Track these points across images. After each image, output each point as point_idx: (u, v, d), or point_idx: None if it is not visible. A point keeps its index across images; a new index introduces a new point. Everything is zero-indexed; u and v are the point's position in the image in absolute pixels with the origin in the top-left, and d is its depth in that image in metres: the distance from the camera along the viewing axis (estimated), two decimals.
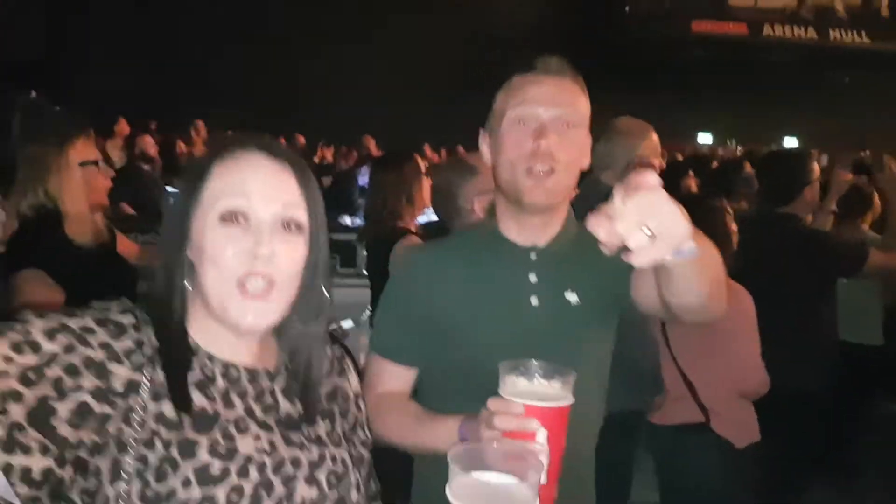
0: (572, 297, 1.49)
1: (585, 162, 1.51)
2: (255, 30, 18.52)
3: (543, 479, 1.10)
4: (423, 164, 3.23)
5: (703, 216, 2.66)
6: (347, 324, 3.29)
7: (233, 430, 1.03)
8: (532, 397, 1.15)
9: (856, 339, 3.85)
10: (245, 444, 1.02)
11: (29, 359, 0.93)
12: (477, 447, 1.06)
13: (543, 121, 1.41)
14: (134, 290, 2.76)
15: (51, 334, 0.95)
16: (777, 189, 3.28)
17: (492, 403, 1.17)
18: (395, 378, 1.54)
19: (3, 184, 4.38)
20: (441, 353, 1.50)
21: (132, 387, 0.99)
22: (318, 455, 1.09)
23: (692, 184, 4.14)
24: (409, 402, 1.53)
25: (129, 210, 5.25)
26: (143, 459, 0.96)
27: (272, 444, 1.05)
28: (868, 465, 4.21)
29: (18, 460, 0.89)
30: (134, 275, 2.69)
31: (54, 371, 0.93)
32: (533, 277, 1.49)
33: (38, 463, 0.90)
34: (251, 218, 1.04)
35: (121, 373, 0.98)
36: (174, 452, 0.97)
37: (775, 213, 3.24)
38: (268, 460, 1.03)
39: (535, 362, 1.19)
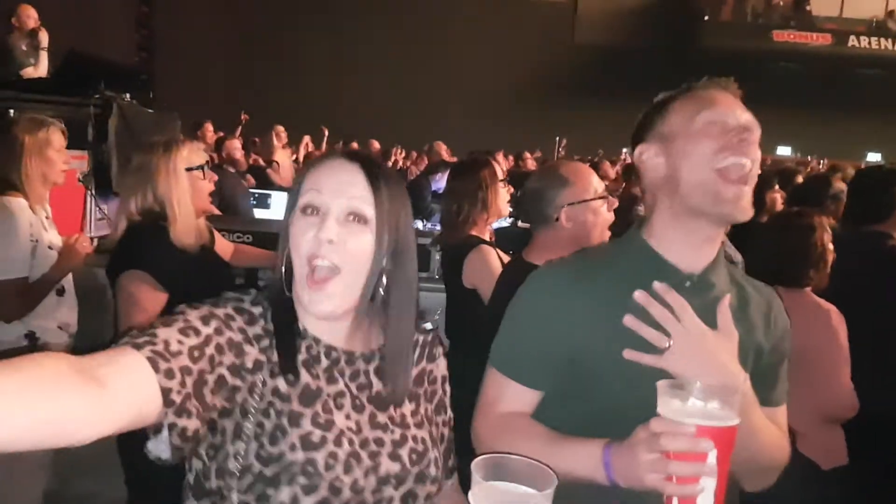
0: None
1: None
2: (336, 40, 18.96)
3: (711, 502, 1.09)
4: (500, 172, 3.25)
5: (798, 233, 2.61)
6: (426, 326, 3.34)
7: (332, 404, 1.19)
8: (697, 416, 1.09)
9: None
10: (340, 419, 1.18)
11: (193, 340, 1.09)
12: (500, 459, 1.05)
13: (742, 121, 1.36)
14: (232, 288, 2.86)
15: (205, 320, 1.12)
16: (869, 206, 3.19)
17: (656, 424, 1.11)
18: (519, 398, 1.44)
19: (100, 185, 4.61)
20: (575, 377, 1.40)
21: (258, 365, 1.16)
22: (401, 436, 1.23)
23: (777, 197, 4.04)
24: (536, 423, 1.41)
25: (215, 210, 5.41)
26: (260, 425, 1.13)
27: (358, 425, 1.20)
28: None
29: (183, 423, 1.04)
30: (232, 276, 2.79)
31: (210, 349, 1.10)
32: None
33: (193, 424, 1.05)
34: (322, 208, 1.19)
35: (252, 353, 1.16)
36: (284, 421, 1.13)
37: (866, 231, 3.14)
38: (355, 438, 1.18)
39: (697, 382, 1.12)
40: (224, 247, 2.92)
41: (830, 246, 2.60)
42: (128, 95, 5.18)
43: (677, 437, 1.08)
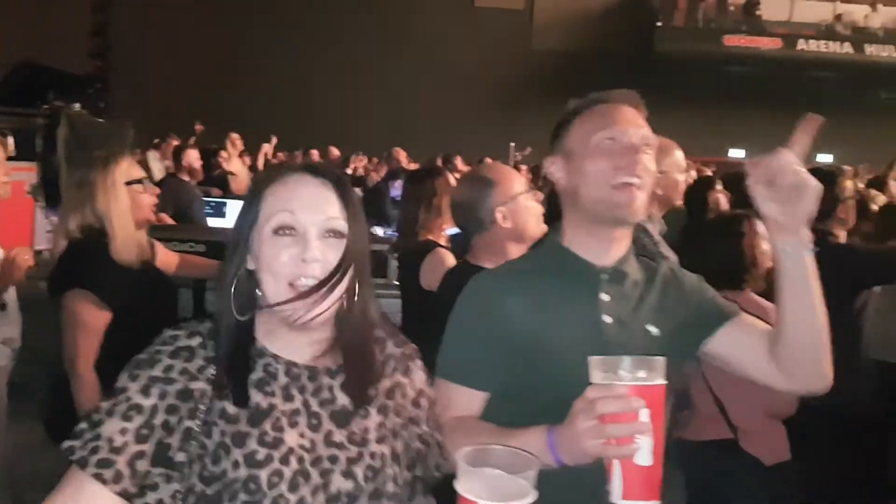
0: (649, 325, 1.54)
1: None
2: (292, 48, 18.88)
3: (649, 460, 1.14)
4: (452, 179, 3.30)
5: (729, 239, 2.69)
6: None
7: (283, 422, 1.18)
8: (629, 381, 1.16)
9: (892, 357, 3.83)
10: (291, 437, 1.17)
11: (138, 420, 1.12)
12: (483, 449, 1.09)
13: (634, 140, 1.49)
14: (174, 305, 2.84)
15: (146, 391, 1.14)
16: None
17: (590, 391, 1.17)
18: (467, 402, 1.51)
19: (50, 196, 4.54)
20: (517, 372, 1.49)
21: (202, 394, 1.16)
22: (357, 453, 1.21)
23: (720, 197, 4.13)
24: (483, 422, 1.48)
25: (169, 220, 5.37)
26: (203, 446, 1.13)
27: (312, 442, 1.19)
28: None
29: (153, 497, 1.12)
30: (174, 289, 2.76)
31: (159, 418, 1.13)
32: (605, 296, 1.52)
33: (166, 490, 1.13)
34: (298, 229, 1.19)
35: (198, 386, 1.17)
36: (228, 440, 1.14)
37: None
38: (306, 455, 1.17)
39: (625, 357, 1.18)
40: (168, 259, 2.88)
41: (764, 248, 2.66)
42: (78, 105, 5.11)
43: (609, 398, 1.14)
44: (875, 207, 4.34)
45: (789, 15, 20.29)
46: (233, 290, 1.21)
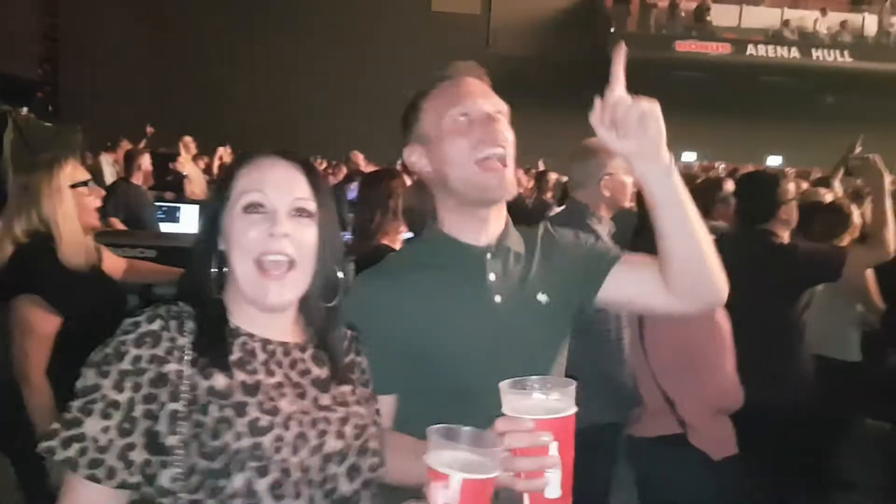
0: (538, 294, 1.54)
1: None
2: (248, 51, 18.70)
3: (557, 493, 1.14)
4: (408, 181, 3.30)
5: None
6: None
7: (274, 393, 1.21)
8: (537, 412, 1.14)
9: (834, 354, 3.95)
10: (285, 404, 1.21)
11: (118, 416, 1.13)
12: (452, 429, 1.10)
13: (487, 110, 1.48)
14: (123, 310, 2.80)
15: (119, 386, 1.14)
16: (756, 207, 3.38)
17: (500, 423, 1.14)
18: (382, 408, 1.45)
19: None
20: (418, 369, 1.48)
21: (180, 375, 1.17)
22: (345, 413, 1.28)
23: None
24: (401, 436, 1.42)
25: (120, 225, 5.28)
26: (199, 424, 1.14)
27: (306, 408, 1.24)
28: (847, 480, 4.29)
29: (157, 482, 1.12)
30: (122, 295, 2.73)
31: (139, 409, 1.13)
32: (492, 276, 1.52)
33: (165, 476, 1.12)
34: (268, 207, 1.24)
35: (172, 368, 1.16)
36: (229, 413, 1.15)
37: (753, 229, 3.33)
38: (304, 419, 1.22)
39: (533, 378, 1.18)
40: (115, 264, 2.85)
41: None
42: (26, 110, 5.01)
43: (517, 433, 1.13)
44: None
45: (739, 21, 20.75)
46: (208, 269, 1.25)
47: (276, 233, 1.21)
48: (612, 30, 19.84)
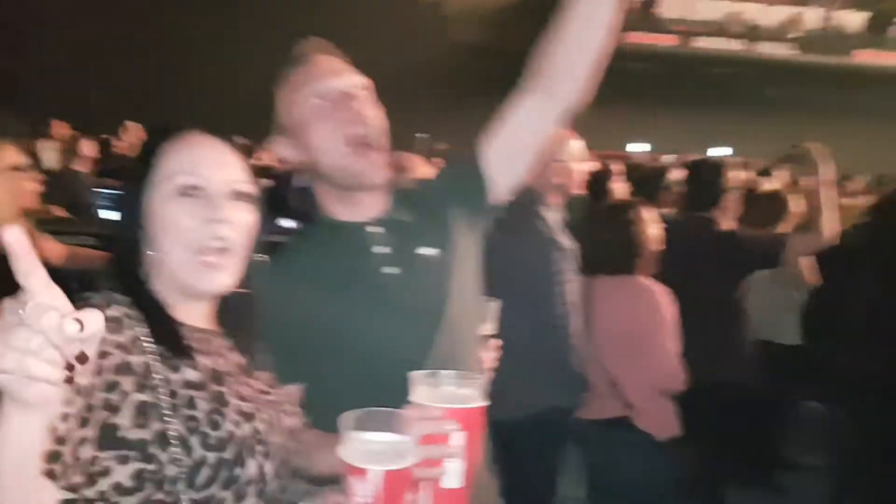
0: (427, 249, 1.51)
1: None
2: (200, 33, 18.31)
3: (458, 483, 1.12)
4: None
5: (619, 227, 2.80)
6: None
7: (230, 380, 1.16)
8: (447, 401, 1.13)
9: (775, 338, 4.07)
10: (244, 389, 1.18)
11: (78, 403, 0.99)
12: (365, 413, 1.08)
13: (342, 88, 1.43)
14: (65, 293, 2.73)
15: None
16: (700, 195, 3.45)
17: (408, 411, 1.12)
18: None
19: None
20: (318, 357, 1.43)
21: (147, 368, 1.07)
22: (275, 394, 1.25)
23: (619, 186, 4.29)
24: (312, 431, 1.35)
25: (61, 212, 5.14)
26: (192, 419, 1.06)
27: (255, 390, 1.20)
28: (787, 459, 4.43)
29: (106, 482, 1.00)
30: (60, 279, 2.66)
31: (99, 397, 1.01)
32: (381, 249, 1.48)
33: (122, 473, 1.01)
34: (207, 190, 1.15)
35: (137, 360, 1.06)
36: (215, 404, 1.10)
37: (697, 216, 3.40)
38: (259, 402, 1.18)
39: (443, 371, 1.17)
40: (54, 250, 2.78)
41: (652, 233, 2.80)
42: None
43: (422, 420, 1.10)
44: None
45: (686, 13, 21.07)
46: (141, 255, 1.16)
47: (216, 218, 1.13)
48: None
